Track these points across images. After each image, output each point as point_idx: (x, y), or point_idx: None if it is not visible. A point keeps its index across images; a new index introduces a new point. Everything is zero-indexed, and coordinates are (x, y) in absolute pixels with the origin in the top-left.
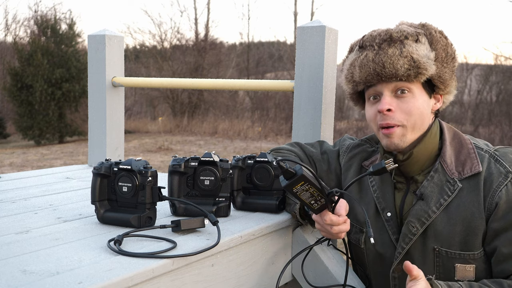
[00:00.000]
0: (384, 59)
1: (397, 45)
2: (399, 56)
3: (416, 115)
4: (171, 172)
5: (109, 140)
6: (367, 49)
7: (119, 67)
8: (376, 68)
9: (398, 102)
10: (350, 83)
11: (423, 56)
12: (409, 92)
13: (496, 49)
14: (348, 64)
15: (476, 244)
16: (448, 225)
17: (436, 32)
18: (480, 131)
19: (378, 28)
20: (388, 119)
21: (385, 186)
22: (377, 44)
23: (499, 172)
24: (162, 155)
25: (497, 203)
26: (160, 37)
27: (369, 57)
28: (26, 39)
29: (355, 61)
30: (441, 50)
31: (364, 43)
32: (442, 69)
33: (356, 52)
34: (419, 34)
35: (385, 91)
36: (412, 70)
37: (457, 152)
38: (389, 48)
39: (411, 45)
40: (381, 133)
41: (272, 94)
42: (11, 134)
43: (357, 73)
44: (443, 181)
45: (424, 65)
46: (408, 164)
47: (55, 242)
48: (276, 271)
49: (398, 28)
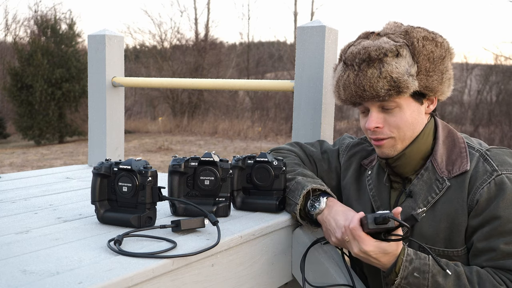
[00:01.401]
0: (364, 82)
1: (376, 64)
2: (378, 78)
3: (404, 128)
4: (171, 172)
5: (109, 140)
6: (349, 68)
7: (119, 67)
8: (357, 91)
9: (386, 116)
10: (338, 99)
11: (403, 74)
12: (396, 107)
13: (496, 49)
14: (335, 80)
15: (459, 241)
16: (434, 222)
17: (419, 40)
18: (480, 131)
19: (360, 42)
20: (378, 134)
21: (381, 185)
22: (356, 64)
23: (485, 170)
24: (162, 155)
25: (478, 200)
26: (160, 37)
27: (350, 78)
28: (26, 39)
29: (339, 79)
30: (424, 61)
31: (346, 61)
32: (427, 79)
33: (341, 66)
34: (399, 47)
35: (372, 108)
36: (393, 90)
37: (449, 151)
38: (368, 69)
39: (391, 63)
40: (373, 143)
41: (272, 94)
42: (11, 134)
43: (342, 93)
44: (432, 179)
45: (405, 83)
46: (400, 165)
47: (55, 242)
48: (276, 271)
49: (377, 44)
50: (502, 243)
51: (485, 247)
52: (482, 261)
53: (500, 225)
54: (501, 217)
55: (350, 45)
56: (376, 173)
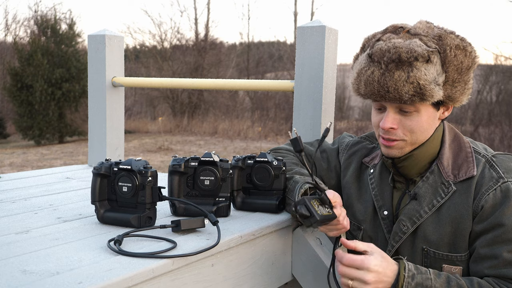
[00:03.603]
0: (389, 83)
1: (405, 67)
2: (405, 82)
3: (418, 132)
4: (171, 172)
5: (109, 140)
6: (374, 64)
7: (119, 67)
8: (380, 90)
9: (402, 118)
10: (355, 92)
11: (431, 82)
12: (414, 111)
13: (496, 49)
14: (356, 71)
15: (463, 246)
16: (438, 226)
17: (451, 49)
18: (480, 131)
19: (390, 38)
20: (390, 135)
21: (384, 185)
22: (384, 63)
23: (491, 177)
24: (162, 155)
25: (483, 206)
26: (160, 37)
27: (375, 75)
28: (26, 39)
29: (361, 73)
30: (453, 71)
31: (373, 56)
32: (452, 89)
33: (365, 58)
34: (431, 53)
35: (390, 108)
36: (417, 97)
37: (455, 155)
38: (396, 71)
39: (420, 68)
40: (381, 141)
41: (272, 94)
42: (11, 134)
43: (362, 88)
44: (438, 183)
45: (431, 91)
46: (407, 166)
47: (55, 242)
48: (276, 271)
49: (409, 46)
50: (505, 251)
51: (487, 254)
52: (483, 268)
53: (504, 233)
54: (505, 225)
55: (377, 38)
56: (379, 172)
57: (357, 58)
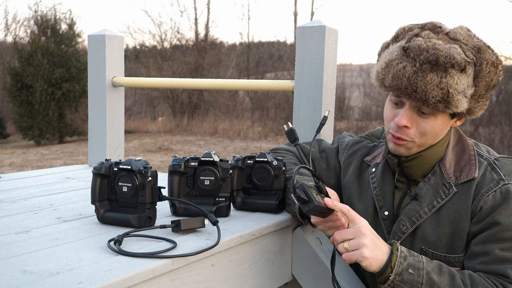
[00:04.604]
0: (420, 84)
1: (440, 72)
2: (436, 86)
3: (429, 136)
4: (171, 172)
5: (109, 140)
6: (408, 60)
7: (119, 67)
8: (408, 88)
9: (417, 119)
10: (379, 82)
11: (460, 92)
12: (431, 115)
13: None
14: (385, 61)
15: (461, 247)
16: (437, 227)
17: (487, 64)
18: (480, 131)
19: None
20: (402, 133)
21: (386, 184)
22: (420, 61)
23: (491, 179)
24: (162, 155)
25: (482, 207)
26: (160, 37)
27: (406, 71)
28: (26, 39)
29: (392, 64)
30: (482, 87)
31: (409, 51)
32: (475, 104)
33: (398, 50)
34: (468, 63)
35: (408, 105)
36: (442, 103)
37: (458, 157)
38: (430, 73)
39: (454, 76)
40: (390, 137)
41: (272, 94)
42: (11, 134)
43: (388, 80)
44: (439, 184)
45: (457, 102)
46: (413, 166)
47: (55, 242)
48: (276, 271)
49: (449, 51)
50: (497, 248)
51: (480, 251)
52: (475, 264)
53: (499, 231)
54: (501, 224)
55: (415, 33)
56: (381, 171)
57: (386, 47)
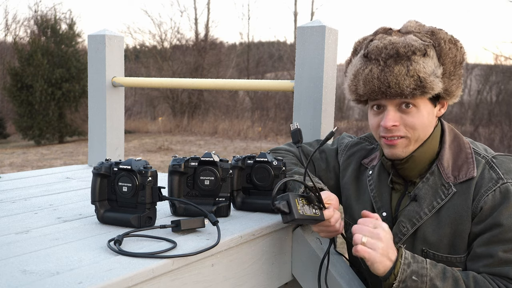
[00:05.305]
0: (390, 79)
1: (404, 62)
2: (405, 76)
3: (420, 129)
4: (171, 172)
5: (109, 140)
6: (372, 62)
7: (119, 67)
8: (381, 86)
9: (402, 115)
10: (354, 94)
11: (430, 74)
12: (414, 107)
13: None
14: (352, 73)
15: (462, 247)
16: (438, 228)
17: (445, 42)
18: (480, 131)
19: (383, 37)
20: (393, 132)
21: (383, 186)
22: (382, 59)
23: (490, 178)
24: (162, 155)
25: (482, 207)
26: (160, 37)
27: (374, 73)
28: (26, 39)
29: (359, 73)
30: (449, 64)
31: (370, 54)
32: (449, 82)
33: (360, 60)
34: (427, 47)
35: (389, 106)
36: (418, 90)
37: (455, 156)
38: (395, 66)
39: (418, 61)
40: (383, 142)
41: (272, 94)
42: (11, 134)
43: (361, 88)
44: (438, 184)
45: (431, 84)
46: (407, 167)
47: (55, 242)
48: (276, 271)
49: (405, 41)
50: (501, 250)
51: (483, 253)
52: (478, 267)
53: (501, 233)
54: (503, 225)
55: (369, 39)
56: (377, 173)
57: (349, 62)
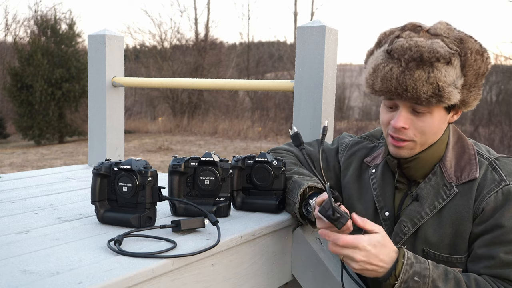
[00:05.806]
0: (409, 82)
1: (426, 67)
2: (425, 82)
3: (429, 134)
4: (171, 172)
5: (109, 140)
6: (394, 61)
7: (119, 67)
8: (398, 88)
9: (414, 119)
10: (370, 88)
11: (449, 84)
12: (427, 113)
13: (496, 49)
14: (372, 67)
15: (463, 248)
16: (439, 228)
17: (472, 53)
18: (480, 131)
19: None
20: (400, 134)
21: (386, 185)
22: (405, 61)
23: (493, 179)
24: (162, 155)
25: (484, 208)
26: (160, 37)
27: (393, 72)
28: (26, 39)
29: (378, 68)
30: (471, 76)
31: (393, 52)
32: (468, 94)
33: (382, 54)
34: (452, 55)
35: (403, 107)
36: (434, 98)
37: (458, 156)
38: (417, 70)
39: (441, 69)
40: (390, 140)
41: (272, 94)
42: (11, 134)
43: (378, 84)
44: (440, 184)
45: (449, 94)
46: (412, 167)
47: (55, 242)
48: (276, 271)
49: (431, 45)
50: (502, 252)
51: (484, 254)
52: (479, 268)
53: (502, 234)
54: (505, 226)
55: (396, 34)
56: (381, 172)
57: (371, 54)
